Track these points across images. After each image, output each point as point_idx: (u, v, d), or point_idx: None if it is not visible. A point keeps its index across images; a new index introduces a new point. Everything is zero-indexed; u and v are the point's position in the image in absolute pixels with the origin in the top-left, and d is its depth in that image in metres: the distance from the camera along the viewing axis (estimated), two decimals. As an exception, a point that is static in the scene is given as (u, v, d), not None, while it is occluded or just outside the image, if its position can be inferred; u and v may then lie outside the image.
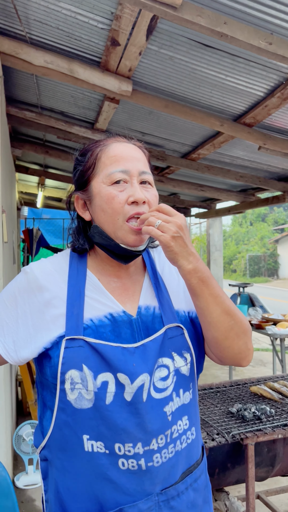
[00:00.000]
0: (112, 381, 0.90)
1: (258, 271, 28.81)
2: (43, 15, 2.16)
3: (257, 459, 1.82)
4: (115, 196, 0.94)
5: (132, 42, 2.19)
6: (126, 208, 0.94)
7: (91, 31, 2.23)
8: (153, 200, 0.98)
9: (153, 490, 0.91)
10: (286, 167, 4.40)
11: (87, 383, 0.89)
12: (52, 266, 1.01)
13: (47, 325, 0.94)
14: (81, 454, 0.91)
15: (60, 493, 0.94)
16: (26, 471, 3.38)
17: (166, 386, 0.95)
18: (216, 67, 2.42)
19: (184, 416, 0.99)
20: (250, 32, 1.90)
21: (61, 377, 0.90)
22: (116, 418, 0.89)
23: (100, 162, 0.98)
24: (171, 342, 0.98)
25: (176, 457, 0.95)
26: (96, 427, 0.90)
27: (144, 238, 0.97)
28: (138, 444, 0.90)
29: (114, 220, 0.95)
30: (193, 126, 3.47)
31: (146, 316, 0.99)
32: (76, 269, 1.01)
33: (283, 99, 2.59)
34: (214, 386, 2.38)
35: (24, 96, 3.44)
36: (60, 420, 0.92)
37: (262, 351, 7.56)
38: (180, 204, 7.24)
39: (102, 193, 0.96)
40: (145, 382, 0.91)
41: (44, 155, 4.67)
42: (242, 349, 1.00)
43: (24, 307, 0.96)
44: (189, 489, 0.97)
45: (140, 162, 0.99)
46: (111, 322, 0.95)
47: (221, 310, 0.94)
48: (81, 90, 3.07)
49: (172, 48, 2.28)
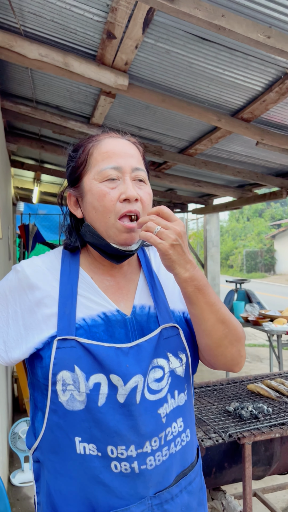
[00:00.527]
0: (105, 383, 0.88)
1: (255, 266, 28.85)
2: (38, 7, 2.12)
3: (254, 458, 1.80)
4: (107, 194, 0.92)
5: (128, 35, 2.15)
6: (118, 205, 0.91)
7: (87, 24, 2.19)
8: (146, 198, 0.95)
9: (147, 494, 0.89)
10: (284, 162, 4.38)
11: (79, 384, 0.87)
12: (43, 264, 0.98)
13: (38, 325, 0.92)
14: (73, 456, 0.89)
15: (52, 495, 0.92)
16: (22, 468, 3.37)
17: (160, 388, 0.92)
18: (213, 61, 2.38)
19: (179, 418, 0.97)
20: (248, 25, 1.86)
21: (53, 378, 0.87)
22: (109, 421, 0.87)
23: (92, 158, 0.96)
24: (167, 343, 0.96)
25: (170, 459, 0.93)
26: (88, 429, 0.88)
27: (136, 237, 0.94)
28: (131, 446, 0.88)
29: (106, 218, 0.92)
30: (190, 121, 3.43)
31: (140, 316, 0.97)
32: (69, 267, 0.98)
33: (281, 94, 2.55)
34: (211, 384, 2.37)
35: (19, 90, 3.39)
36: (52, 421, 0.90)
37: (259, 346, 7.57)
38: (177, 200, 7.21)
39: (93, 190, 0.93)
40: (138, 384, 0.89)
41: (39, 150, 4.63)
42: (234, 356, 0.99)
43: (15, 306, 0.94)
44: (183, 492, 0.96)
45: (133, 158, 0.96)
46: (104, 322, 0.93)
47: (216, 319, 0.93)
48: (77, 84, 3.02)
49: (169, 41, 2.24)
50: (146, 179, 0.98)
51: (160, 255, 0.87)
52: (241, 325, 1.02)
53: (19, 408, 4.51)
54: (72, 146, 1.03)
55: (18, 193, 8.71)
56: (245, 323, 4.83)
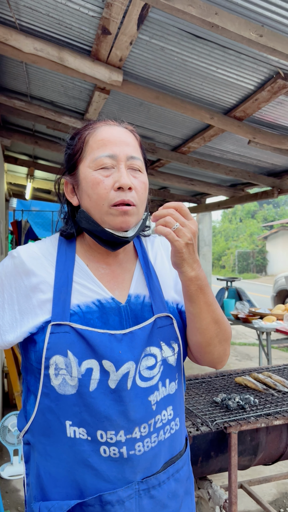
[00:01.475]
0: (97, 368, 0.89)
1: (247, 267, 28.98)
2: (34, 1, 2.14)
3: (240, 448, 1.84)
4: (101, 182, 0.92)
5: (123, 31, 2.18)
6: (111, 194, 0.91)
7: (82, 19, 2.21)
8: (140, 187, 0.96)
9: (134, 479, 0.91)
10: (275, 162, 4.42)
11: (71, 369, 0.88)
12: (39, 251, 0.99)
13: (33, 310, 0.93)
14: (63, 439, 0.91)
15: (41, 477, 0.94)
16: (11, 461, 3.38)
17: (152, 375, 0.94)
18: (207, 59, 2.41)
19: (169, 406, 0.99)
20: (241, 24, 1.89)
21: (46, 362, 0.89)
22: (99, 406, 0.89)
23: (88, 146, 0.96)
24: (160, 332, 0.98)
25: (158, 446, 0.95)
26: (79, 413, 0.90)
27: (132, 223, 0.94)
28: (121, 432, 0.90)
29: (99, 205, 0.93)
30: (184, 119, 3.46)
31: (135, 304, 0.98)
32: (65, 254, 1.00)
33: (273, 93, 2.59)
34: (199, 377, 2.40)
35: (13, 84, 3.40)
36: (44, 405, 0.92)
37: (249, 345, 7.63)
38: (170, 198, 7.24)
39: (88, 178, 0.94)
40: (130, 370, 0.91)
41: (33, 145, 4.63)
42: (221, 355, 1.03)
43: (11, 291, 0.95)
44: (170, 479, 0.98)
45: (129, 147, 0.96)
46: (99, 309, 0.94)
47: (211, 319, 0.96)
48: (71, 80, 3.04)
49: (163, 38, 2.27)
50: (142, 168, 0.98)
51: (172, 252, 0.87)
52: (230, 326, 1.05)
53: (9, 402, 4.52)
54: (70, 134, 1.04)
55: (11, 189, 8.69)
56: (235, 320, 4.88)
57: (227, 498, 1.74)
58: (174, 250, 0.87)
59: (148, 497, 0.93)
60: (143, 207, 0.99)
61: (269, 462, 2.02)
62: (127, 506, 0.90)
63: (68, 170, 1.01)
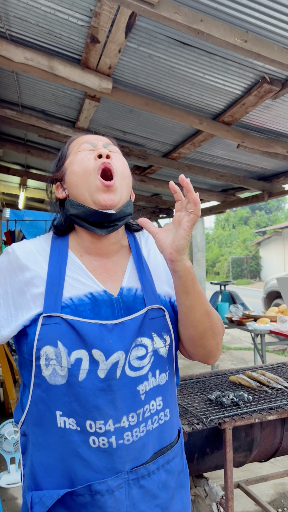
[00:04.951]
0: (86, 359, 0.92)
1: (241, 273, 29.08)
2: (23, 11, 2.19)
3: (235, 444, 1.86)
4: (84, 157, 1.03)
5: (111, 40, 2.23)
6: (94, 162, 1.01)
7: (71, 28, 2.26)
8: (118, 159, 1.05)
9: (123, 468, 0.93)
10: (265, 166, 4.49)
11: (61, 359, 0.91)
12: (34, 247, 1.04)
13: (27, 304, 0.96)
14: (54, 429, 0.93)
15: (34, 467, 0.96)
16: (8, 470, 3.36)
17: (142, 365, 0.96)
18: (194, 65, 2.47)
19: (158, 397, 1.01)
20: (225, 30, 1.95)
21: (36, 353, 0.92)
22: (88, 395, 0.91)
23: (70, 148, 1.10)
24: (152, 323, 1.00)
25: (147, 436, 0.97)
26: (68, 403, 0.92)
27: (116, 201, 1.00)
28: (109, 421, 0.92)
29: (86, 176, 1.00)
30: (173, 125, 3.52)
31: (127, 297, 1.01)
32: (58, 249, 1.04)
33: (260, 97, 2.65)
34: (194, 376, 2.43)
35: (4, 94, 3.45)
36: (36, 395, 0.94)
37: (244, 350, 7.64)
38: (162, 205, 7.30)
39: (73, 160, 1.04)
40: (120, 360, 0.93)
41: (25, 154, 4.67)
42: (213, 349, 1.05)
43: (6, 286, 0.98)
44: (160, 470, 0.99)
45: (105, 141, 1.10)
46: (91, 301, 0.97)
47: (204, 311, 0.99)
48: (62, 88, 3.09)
49: (151, 46, 2.32)
50: (119, 152, 1.10)
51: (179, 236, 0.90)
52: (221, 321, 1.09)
53: (5, 412, 4.49)
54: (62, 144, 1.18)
55: (3, 199, 8.71)
56: (230, 323, 4.91)
57: (223, 495, 1.76)
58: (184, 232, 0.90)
59: (137, 487, 0.94)
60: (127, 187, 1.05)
61: (264, 458, 2.04)
62: (116, 495, 0.91)
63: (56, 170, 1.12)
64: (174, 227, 0.93)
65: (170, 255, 0.91)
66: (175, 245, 0.90)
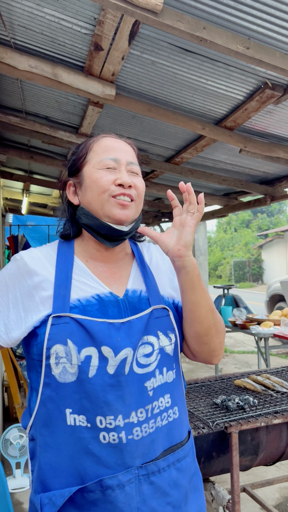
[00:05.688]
0: (96, 356, 0.94)
1: (243, 276, 29.05)
2: (28, 20, 2.21)
3: (241, 448, 1.87)
4: (104, 176, 1.03)
5: (115, 47, 2.26)
6: (112, 187, 1.03)
7: (75, 36, 2.29)
8: (140, 185, 1.07)
9: (133, 464, 0.95)
10: (267, 170, 4.51)
11: (71, 357, 0.93)
12: (41, 253, 1.07)
13: (36, 306, 0.99)
14: (63, 428, 0.95)
15: (41, 469, 0.97)
16: (14, 475, 3.37)
17: (149, 363, 0.99)
18: (197, 71, 2.49)
19: (166, 394, 1.03)
20: (228, 37, 1.97)
21: (47, 352, 0.94)
22: (98, 391, 0.94)
23: (92, 151, 1.09)
24: (157, 322, 1.04)
25: (156, 432, 0.99)
26: (78, 400, 0.94)
27: (130, 217, 1.04)
28: (119, 416, 0.94)
29: (100, 196, 1.03)
30: (176, 130, 3.54)
31: (132, 298, 1.05)
32: (64, 255, 1.07)
33: (262, 103, 2.67)
34: (199, 381, 2.44)
35: (8, 101, 3.48)
36: (45, 395, 0.96)
37: (248, 353, 7.64)
38: (165, 209, 7.31)
39: (93, 175, 1.05)
40: (128, 356, 0.96)
41: (29, 160, 4.70)
42: (217, 347, 1.09)
43: (15, 291, 1.01)
44: (171, 467, 1.00)
45: (128, 154, 1.09)
46: (98, 302, 1.01)
47: (209, 307, 1.04)
48: (65, 95, 3.12)
49: (154, 53, 2.35)
50: (139, 172, 1.11)
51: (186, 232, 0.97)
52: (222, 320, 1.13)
53: (9, 417, 4.51)
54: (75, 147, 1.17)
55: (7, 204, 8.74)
56: (233, 327, 4.91)
57: (230, 499, 1.76)
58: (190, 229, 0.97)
59: (148, 483, 0.95)
60: (141, 205, 1.10)
61: (270, 462, 2.04)
62: (127, 490, 0.93)
63: (73, 172, 1.12)
64: (176, 229, 1.00)
65: (179, 251, 0.97)
66: (183, 241, 0.97)
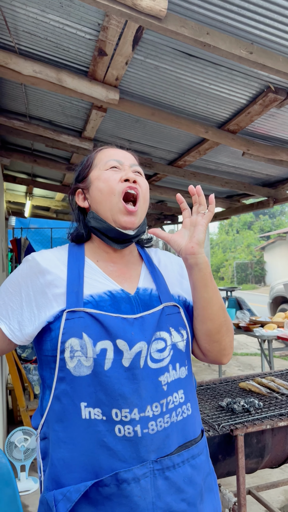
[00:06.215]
0: (111, 349, 0.96)
1: (246, 278, 29.03)
2: (32, 26, 2.23)
3: (247, 450, 1.87)
4: (111, 175, 1.09)
5: (118, 52, 2.27)
6: (120, 184, 1.07)
7: (79, 42, 2.31)
8: (143, 183, 1.12)
9: (148, 458, 0.95)
10: (270, 172, 4.52)
11: (86, 350, 0.95)
12: (52, 254, 1.11)
13: (50, 303, 1.02)
14: (78, 422, 0.95)
15: (54, 465, 0.97)
16: (19, 477, 3.38)
17: (162, 357, 1.01)
18: (200, 75, 2.51)
19: (180, 390, 1.04)
20: (231, 42, 1.99)
21: (61, 346, 0.96)
22: (114, 384, 0.95)
23: (97, 159, 1.15)
24: (169, 318, 1.06)
25: (171, 427, 1.00)
26: (94, 393, 0.95)
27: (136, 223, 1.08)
28: (135, 410, 0.95)
29: (110, 197, 1.07)
30: (179, 134, 3.56)
31: (144, 295, 1.08)
32: (75, 256, 1.11)
33: (265, 106, 2.69)
34: (204, 383, 2.44)
35: (12, 105, 3.50)
36: (59, 390, 0.97)
37: (251, 355, 7.63)
38: (167, 211, 7.33)
39: (100, 176, 1.10)
40: (142, 350, 0.98)
41: (32, 163, 4.72)
42: (227, 346, 1.12)
43: (28, 290, 1.04)
44: (186, 464, 1.01)
45: (131, 159, 1.16)
46: (110, 298, 1.03)
47: (220, 305, 1.07)
48: (69, 99, 3.14)
49: (158, 57, 2.36)
50: (142, 174, 1.17)
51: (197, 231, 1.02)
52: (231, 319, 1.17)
53: (14, 420, 4.51)
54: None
55: (10, 207, 8.77)
56: (237, 329, 4.92)
57: (236, 501, 1.77)
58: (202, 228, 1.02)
59: (162, 478, 0.96)
60: (146, 206, 1.14)
61: (275, 465, 2.05)
62: (142, 484, 0.93)
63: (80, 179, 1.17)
64: (187, 230, 1.05)
65: (192, 248, 1.01)
66: (195, 239, 1.01)
